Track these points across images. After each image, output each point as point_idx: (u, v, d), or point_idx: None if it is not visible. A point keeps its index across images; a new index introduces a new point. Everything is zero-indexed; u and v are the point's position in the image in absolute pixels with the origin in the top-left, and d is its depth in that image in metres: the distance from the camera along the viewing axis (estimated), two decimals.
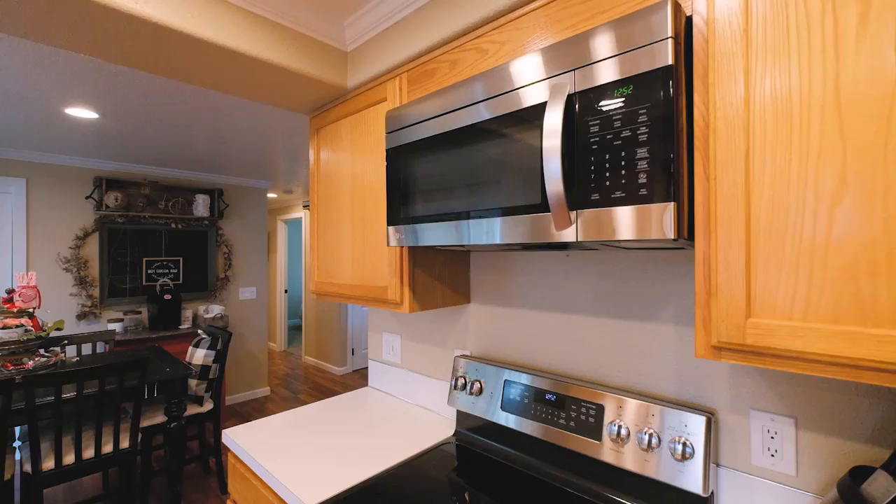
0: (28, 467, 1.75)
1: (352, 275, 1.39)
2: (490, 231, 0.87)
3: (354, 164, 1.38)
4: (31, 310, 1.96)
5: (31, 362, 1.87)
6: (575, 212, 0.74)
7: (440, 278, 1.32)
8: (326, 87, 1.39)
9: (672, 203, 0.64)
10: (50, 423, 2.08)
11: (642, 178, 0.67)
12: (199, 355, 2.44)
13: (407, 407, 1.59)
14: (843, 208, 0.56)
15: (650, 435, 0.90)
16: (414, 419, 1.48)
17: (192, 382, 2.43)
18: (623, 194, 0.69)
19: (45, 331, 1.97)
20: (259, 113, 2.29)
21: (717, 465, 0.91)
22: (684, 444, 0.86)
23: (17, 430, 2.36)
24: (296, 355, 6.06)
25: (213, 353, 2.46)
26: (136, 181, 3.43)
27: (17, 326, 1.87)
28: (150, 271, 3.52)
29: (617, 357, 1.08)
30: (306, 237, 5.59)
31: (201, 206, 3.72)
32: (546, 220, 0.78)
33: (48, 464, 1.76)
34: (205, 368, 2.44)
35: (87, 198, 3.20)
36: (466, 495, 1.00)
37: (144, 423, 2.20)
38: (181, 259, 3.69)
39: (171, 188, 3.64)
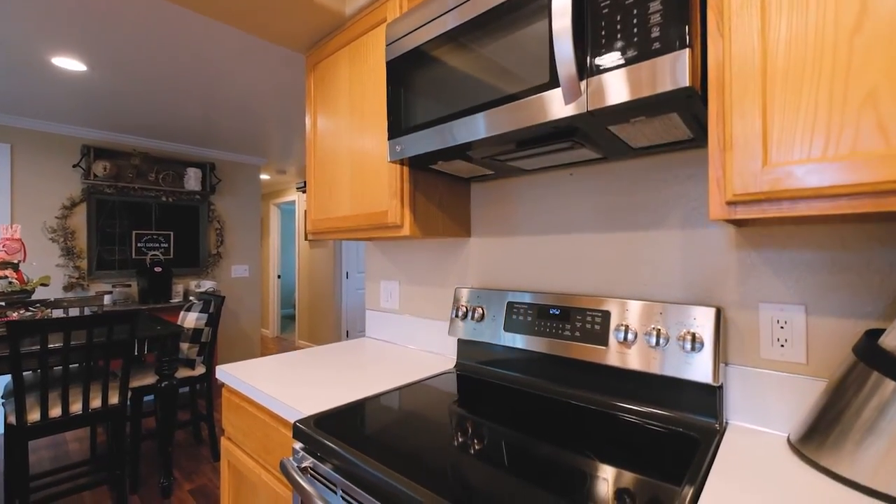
0: (13, 419, 1.69)
1: (350, 205, 1.36)
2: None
3: (353, 92, 1.34)
4: (15, 262, 1.89)
5: (15, 315, 1.81)
6: (585, 81, 0.72)
7: (441, 206, 1.30)
8: (324, 14, 1.35)
9: (686, 49, 0.62)
10: (36, 381, 2.02)
11: (655, 33, 0.65)
12: (191, 318, 2.39)
13: (407, 351, 1.57)
14: (863, 36, 0.54)
15: (657, 332, 0.89)
16: (414, 359, 1.45)
17: (184, 346, 2.38)
18: (636, 52, 0.67)
19: (29, 284, 1.90)
20: (251, 68, 2.24)
21: (726, 364, 0.90)
22: (693, 337, 0.85)
23: (2, 388, 2.29)
24: (289, 340, 5.99)
25: (205, 316, 2.41)
26: (125, 151, 3.35)
27: (0, 278, 1.81)
28: (139, 244, 3.45)
29: (622, 270, 1.06)
30: (300, 222, 5.53)
31: (193, 179, 3.66)
32: (550, 98, 0.76)
33: (33, 416, 1.71)
34: (197, 332, 2.39)
35: (74, 166, 3.12)
36: (468, 417, 0.98)
37: (134, 384, 2.14)
38: (172, 233, 3.62)
39: (161, 160, 3.57)
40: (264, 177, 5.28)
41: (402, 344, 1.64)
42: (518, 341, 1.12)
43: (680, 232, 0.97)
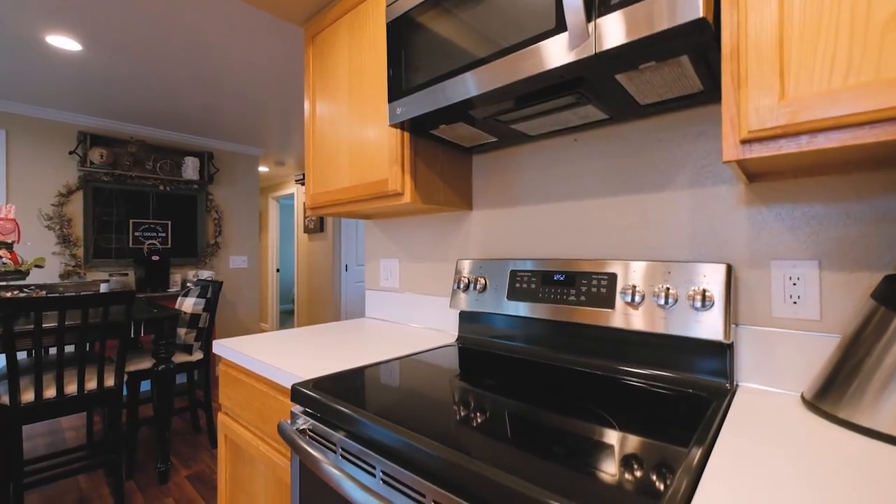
0: (6, 399, 1.66)
1: (350, 176, 1.33)
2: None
3: (352, 61, 1.32)
4: (9, 242, 1.87)
5: (9, 294, 1.78)
6: (593, 22, 0.70)
7: (442, 175, 1.27)
8: None
9: None
10: (31, 365, 1.99)
11: None
12: (188, 304, 2.36)
13: (408, 328, 1.54)
14: None
15: (666, 291, 0.86)
16: (415, 335, 1.43)
17: (182, 331, 2.35)
18: None
19: (23, 265, 1.88)
20: (249, 48, 2.21)
21: (736, 325, 0.88)
22: (703, 293, 0.82)
23: None
24: None
25: (202, 301, 2.38)
26: (122, 139, 3.32)
27: None
28: (136, 233, 3.42)
29: (628, 234, 1.04)
30: (299, 215, 5.50)
31: (190, 168, 3.63)
32: (555, 44, 0.73)
33: (27, 396, 1.68)
34: (194, 317, 2.36)
35: (70, 153, 3.09)
36: (469, 381, 0.95)
37: (131, 368, 2.11)
38: (169, 223, 3.59)
39: (159, 149, 3.54)
40: (263, 169, 5.25)
41: (403, 322, 1.61)
42: (522, 309, 1.10)
43: (688, 192, 0.95)
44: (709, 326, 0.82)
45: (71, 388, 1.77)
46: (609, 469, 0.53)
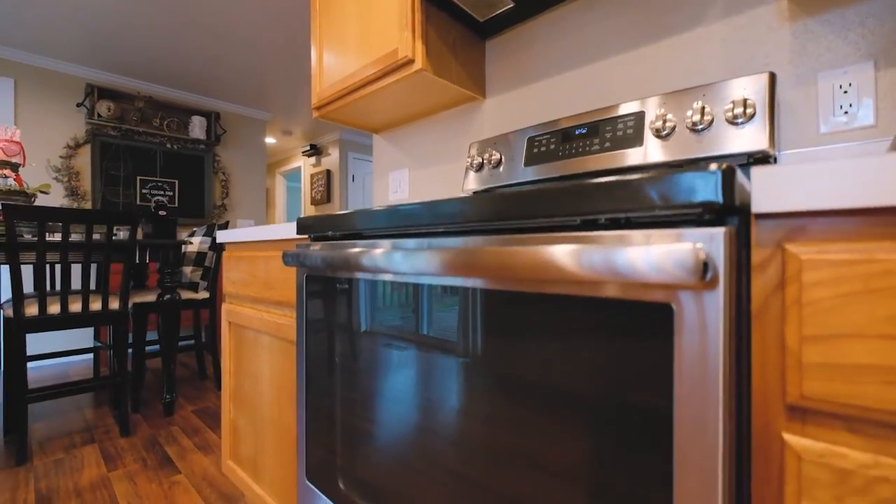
0: (10, 312, 1.63)
1: (358, 55, 1.27)
2: None
3: None
4: (14, 162, 1.84)
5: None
6: None
7: (454, 51, 1.21)
8: None
9: None
10: (35, 296, 1.97)
11: None
12: (194, 241, 2.33)
13: None
14: None
15: (701, 111, 0.79)
16: None
17: (188, 269, 2.32)
18: None
19: (28, 189, 1.85)
20: None
21: (778, 152, 0.80)
22: (744, 104, 0.75)
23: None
24: None
25: (209, 239, 2.34)
26: (129, 94, 3.30)
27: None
28: (144, 191, 3.40)
29: (657, 82, 0.97)
30: (306, 188, 5.47)
31: (197, 128, 3.60)
32: None
33: (31, 310, 1.65)
34: (200, 255, 2.33)
35: (78, 105, 3.08)
36: None
37: (137, 300, 2.08)
38: (177, 182, 3.57)
39: (166, 106, 3.52)
40: (270, 140, 5.23)
41: None
42: (539, 172, 1.04)
43: (722, 23, 0.88)
44: (750, 139, 0.75)
45: (76, 307, 1.74)
46: None
